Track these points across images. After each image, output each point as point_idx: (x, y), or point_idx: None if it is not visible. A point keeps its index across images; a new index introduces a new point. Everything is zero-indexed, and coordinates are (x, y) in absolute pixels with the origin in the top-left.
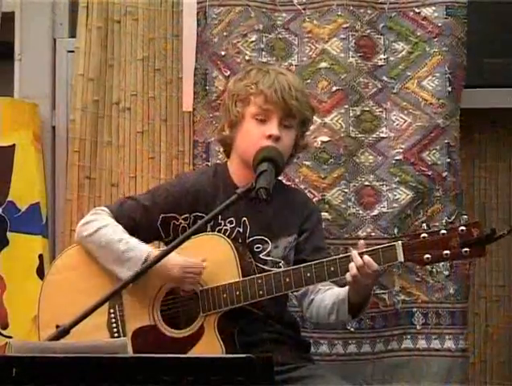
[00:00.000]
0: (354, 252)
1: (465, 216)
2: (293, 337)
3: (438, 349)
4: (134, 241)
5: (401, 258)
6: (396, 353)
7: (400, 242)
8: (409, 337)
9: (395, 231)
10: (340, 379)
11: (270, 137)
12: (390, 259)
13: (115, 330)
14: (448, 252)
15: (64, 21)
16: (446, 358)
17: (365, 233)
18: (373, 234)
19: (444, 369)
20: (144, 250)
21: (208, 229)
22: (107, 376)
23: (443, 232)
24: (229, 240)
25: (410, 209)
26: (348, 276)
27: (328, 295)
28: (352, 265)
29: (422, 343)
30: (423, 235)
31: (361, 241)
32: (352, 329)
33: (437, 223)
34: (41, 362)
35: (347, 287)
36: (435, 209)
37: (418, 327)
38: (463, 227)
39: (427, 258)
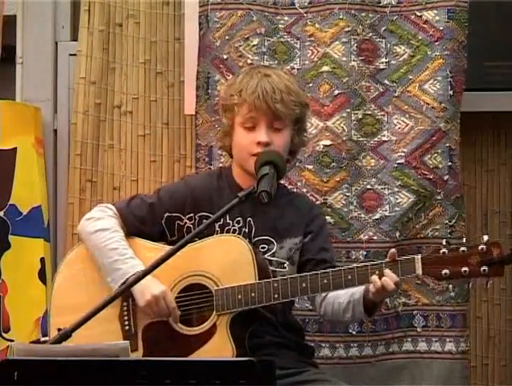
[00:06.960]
0: (374, 277)
1: (486, 236)
2: (297, 341)
3: (439, 351)
4: (126, 254)
5: (419, 271)
6: (397, 355)
7: (420, 256)
8: (409, 339)
9: (397, 234)
10: (343, 383)
11: (259, 143)
12: (408, 271)
13: (126, 323)
14: (466, 269)
15: (65, 24)
16: (447, 360)
17: (367, 237)
18: (374, 237)
19: (445, 371)
20: (135, 265)
21: (217, 229)
22: (108, 379)
23: (463, 249)
24: (247, 242)
25: (412, 213)
26: (372, 288)
27: (343, 293)
28: (375, 279)
29: (422, 346)
30: (442, 250)
31: (393, 250)
32: (354, 332)
33: (438, 227)
34: (43, 365)
35: (362, 287)
36: (436, 212)
37: (418, 330)
38: (483, 246)
39: (445, 273)
